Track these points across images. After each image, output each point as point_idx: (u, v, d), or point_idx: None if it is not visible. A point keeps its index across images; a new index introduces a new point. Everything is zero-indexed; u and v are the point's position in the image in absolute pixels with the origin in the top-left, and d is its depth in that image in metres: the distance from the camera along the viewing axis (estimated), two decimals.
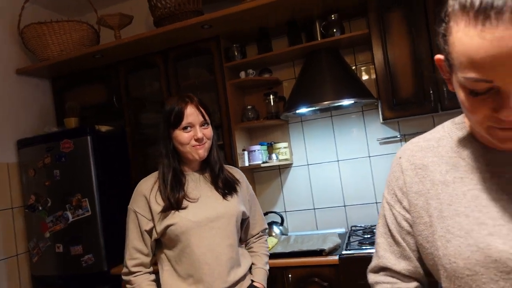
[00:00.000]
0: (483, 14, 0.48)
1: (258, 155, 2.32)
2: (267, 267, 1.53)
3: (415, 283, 0.74)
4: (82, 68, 2.64)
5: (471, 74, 0.52)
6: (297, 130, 2.52)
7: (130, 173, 2.50)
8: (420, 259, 0.73)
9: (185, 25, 2.17)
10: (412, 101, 2.04)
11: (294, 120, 2.52)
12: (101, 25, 2.51)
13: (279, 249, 2.05)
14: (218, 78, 2.33)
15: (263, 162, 2.34)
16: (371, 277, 0.79)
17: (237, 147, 2.31)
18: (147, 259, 1.36)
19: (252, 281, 1.44)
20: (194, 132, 1.34)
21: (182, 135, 1.33)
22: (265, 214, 2.50)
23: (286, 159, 2.41)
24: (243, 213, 1.44)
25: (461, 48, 0.52)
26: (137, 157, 2.52)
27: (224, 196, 1.39)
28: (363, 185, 2.38)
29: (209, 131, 1.38)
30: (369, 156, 2.39)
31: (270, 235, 2.32)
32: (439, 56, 0.62)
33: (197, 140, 1.33)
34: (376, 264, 0.78)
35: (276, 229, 2.36)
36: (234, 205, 1.39)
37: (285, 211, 2.53)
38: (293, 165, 2.53)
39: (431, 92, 1.98)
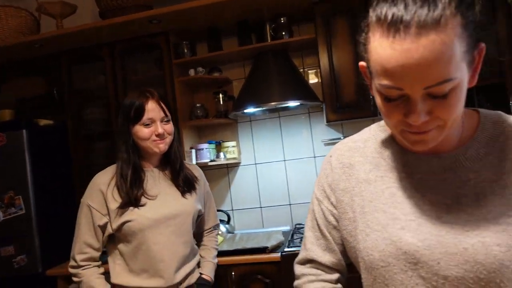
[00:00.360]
0: (394, 27, 0.53)
1: (206, 153, 2.32)
2: (216, 260, 1.59)
3: (337, 275, 0.79)
4: (20, 57, 2.47)
5: (385, 82, 0.56)
6: (246, 129, 2.55)
7: (71, 169, 2.38)
8: (344, 253, 0.78)
9: (133, 19, 2.11)
10: (354, 105, 2.14)
11: (243, 119, 2.54)
12: (42, 13, 2.37)
13: (224, 247, 2.06)
14: (166, 74, 2.29)
15: (211, 161, 2.34)
16: (298, 269, 0.83)
17: (184, 145, 2.29)
18: (97, 254, 1.35)
19: (201, 273, 1.48)
20: (154, 128, 1.33)
21: (142, 131, 1.32)
22: None
23: (234, 158, 2.43)
24: (200, 211, 1.47)
25: (376, 57, 0.56)
26: (80, 152, 2.42)
27: (183, 193, 1.40)
28: (308, 184, 2.46)
29: (170, 126, 1.38)
30: (314, 157, 2.48)
31: None
32: (362, 63, 0.66)
33: (158, 135, 1.33)
34: (303, 256, 0.82)
35: (222, 228, 2.37)
36: (191, 204, 1.41)
37: (232, 210, 2.55)
38: (241, 164, 2.55)
39: (371, 97, 2.09)
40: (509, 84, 1.93)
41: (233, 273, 1.95)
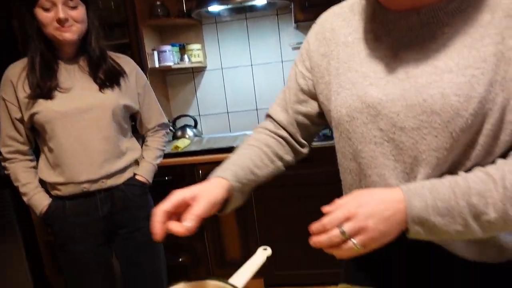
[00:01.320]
0: None
1: (169, 56, 2.22)
2: (157, 161, 1.50)
3: (285, 133, 0.83)
4: None
5: None
6: (211, 32, 2.43)
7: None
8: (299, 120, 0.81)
9: None
10: (323, 3, 2.04)
11: (208, 21, 2.41)
12: None
13: (192, 149, 2.10)
14: None
15: (175, 64, 2.26)
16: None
17: (146, 46, 2.17)
18: (23, 147, 1.34)
19: (135, 174, 1.43)
20: (55, 12, 1.19)
21: (42, 15, 1.19)
22: (178, 117, 2.50)
23: (199, 62, 2.35)
24: (127, 107, 1.38)
25: None
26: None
27: (101, 87, 1.31)
28: (275, 89, 2.46)
29: (78, 12, 1.23)
30: (282, 61, 2.44)
31: (183, 137, 2.35)
32: None
33: (59, 21, 1.19)
34: (268, 112, 0.87)
35: (189, 132, 2.39)
36: (111, 98, 1.32)
37: (199, 115, 2.55)
38: (207, 69, 2.49)
39: None
40: None
41: (200, 171, 2.02)
